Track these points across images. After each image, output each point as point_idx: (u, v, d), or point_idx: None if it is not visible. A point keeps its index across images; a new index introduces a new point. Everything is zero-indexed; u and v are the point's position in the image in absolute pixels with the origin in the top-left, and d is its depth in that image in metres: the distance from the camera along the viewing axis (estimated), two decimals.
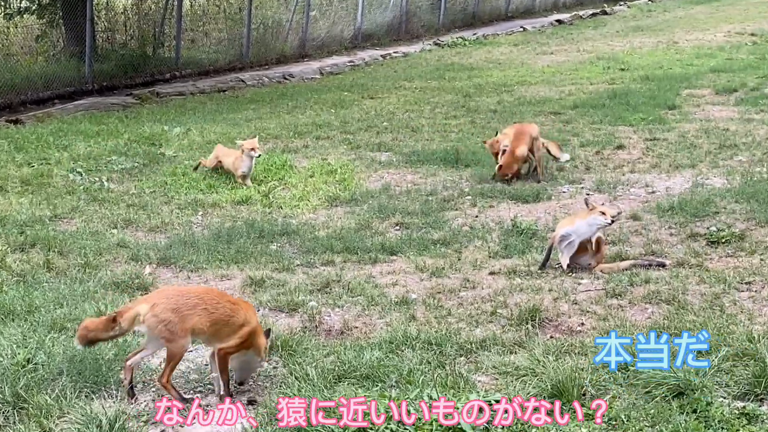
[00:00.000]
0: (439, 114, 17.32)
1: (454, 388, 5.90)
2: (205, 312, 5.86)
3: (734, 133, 14.06)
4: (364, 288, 8.20)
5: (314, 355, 6.64)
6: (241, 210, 11.11)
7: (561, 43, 28.76)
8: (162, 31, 22.50)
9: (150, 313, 5.73)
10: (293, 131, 15.73)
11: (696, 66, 21.82)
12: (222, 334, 5.96)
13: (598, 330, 7.02)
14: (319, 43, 26.46)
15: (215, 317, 5.90)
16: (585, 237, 8.51)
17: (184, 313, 5.77)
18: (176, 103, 19.24)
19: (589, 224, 8.47)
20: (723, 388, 5.86)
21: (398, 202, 11.17)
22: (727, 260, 8.53)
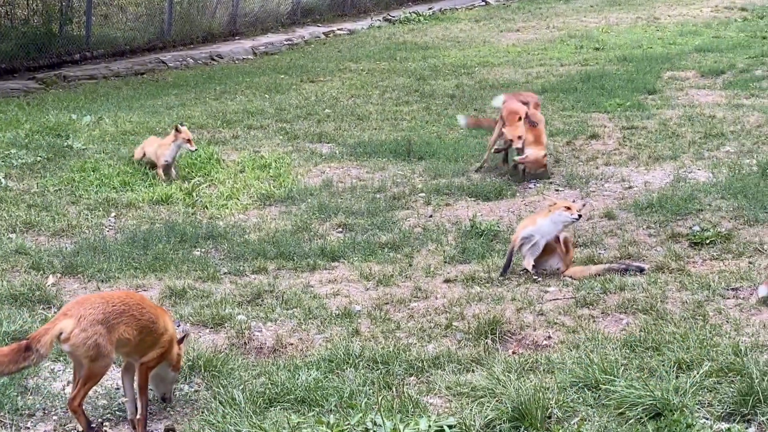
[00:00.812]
0: (389, 100, 17.35)
1: (402, 412, 5.91)
2: (133, 318, 5.84)
3: (721, 121, 14.22)
4: (301, 299, 8.20)
5: (242, 376, 6.63)
6: (161, 210, 11.05)
7: (528, 18, 28.92)
8: (70, 5, 22.28)
9: (77, 329, 5.66)
10: (221, 120, 15.67)
11: (679, 45, 22.03)
12: (146, 344, 5.94)
13: (566, 344, 7.06)
14: (252, 20, 26.36)
15: (142, 324, 5.89)
16: (550, 236, 8.58)
17: (112, 322, 5.74)
18: (86, 88, 19.07)
19: (553, 222, 8.55)
20: (705, 408, 5.91)
21: (341, 200, 11.17)
22: (711, 263, 8.63)
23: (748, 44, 21.15)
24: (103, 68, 20.99)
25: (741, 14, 26.82)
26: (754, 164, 11.46)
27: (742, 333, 7.02)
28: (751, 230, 9.37)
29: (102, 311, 5.76)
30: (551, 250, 8.67)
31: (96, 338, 5.67)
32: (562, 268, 8.65)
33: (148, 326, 5.94)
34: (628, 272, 8.45)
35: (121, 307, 5.85)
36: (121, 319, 5.80)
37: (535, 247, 8.60)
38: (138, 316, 5.90)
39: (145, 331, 5.92)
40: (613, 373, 6.23)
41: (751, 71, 17.88)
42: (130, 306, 5.90)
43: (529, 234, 8.60)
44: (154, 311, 6.06)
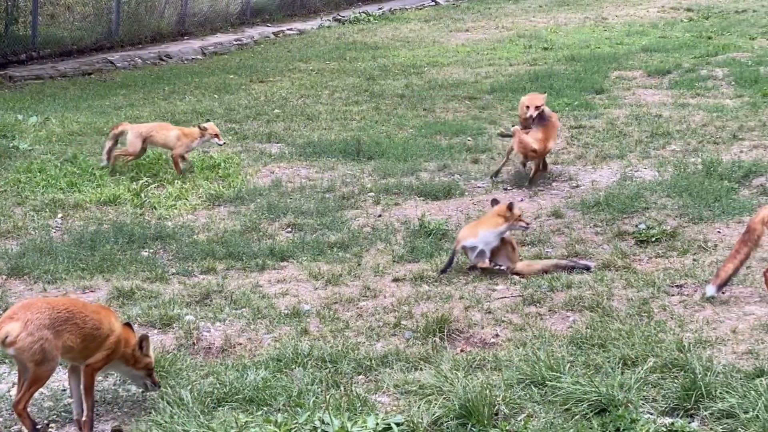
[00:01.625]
0: (339, 100, 17.37)
1: (350, 410, 5.94)
2: (76, 327, 5.82)
3: (667, 120, 14.38)
4: (250, 299, 8.20)
5: (190, 376, 6.63)
6: (108, 211, 10.99)
7: (478, 18, 29.04)
8: (15, 4, 22.07)
9: (24, 333, 5.64)
10: (170, 120, 15.53)
11: (626, 45, 22.24)
12: (89, 349, 5.93)
13: (513, 341, 7.12)
14: (201, 19, 26.26)
15: (85, 332, 5.87)
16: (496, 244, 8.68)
17: (58, 328, 5.72)
18: (32, 89, 18.92)
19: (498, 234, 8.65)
20: (650, 403, 6.00)
21: (290, 200, 11.18)
22: (656, 261, 8.73)
23: (694, 44, 21.40)
24: (49, 68, 20.82)
25: (687, 15, 27.12)
26: (699, 163, 11.59)
27: (686, 329, 7.13)
28: (695, 228, 9.49)
29: (48, 316, 5.75)
30: (497, 249, 8.74)
31: (42, 343, 5.66)
32: (510, 267, 8.72)
33: (92, 333, 5.92)
34: (575, 270, 8.54)
35: (66, 314, 5.83)
36: (66, 326, 5.79)
37: (483, 255, 8.69)
38: (81, 324, 5.88)
39: (88, 338, 5.91)
40: (560, 370, 6.31)
41: (697, 71, 18.09)
42: (74, 314, 5.88)
43: (472, 245, 8.68)
44: (98, 317, 6.03)
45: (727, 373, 6.21)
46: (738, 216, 9.70)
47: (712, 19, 25.92)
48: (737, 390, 5.92)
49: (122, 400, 6.38)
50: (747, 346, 6.74)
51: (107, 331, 6.02)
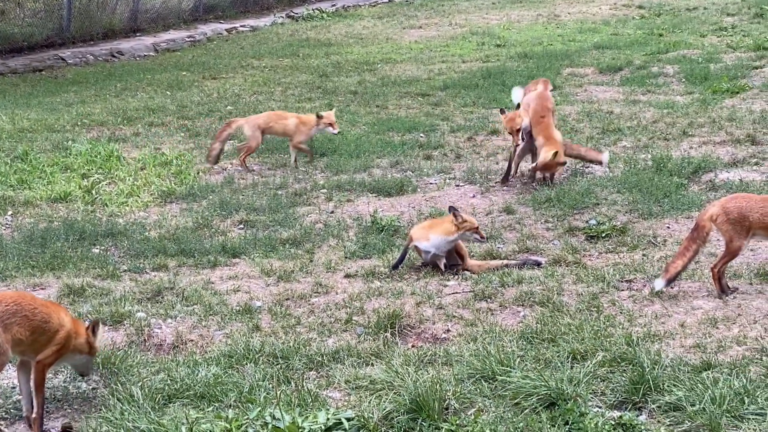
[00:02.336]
0: (292, 96, 17.36)
1: (301, 406, 5.95)
2: (25, 319, 5.79)
3: (618, 116, 14.49)
4: (202, 295, 8.19)
5: (141, 373, 6.61)
6: (59, 208, 10.93)
7: (431, 15, 29.10)
8: None
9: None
10: (122, 117, 15.55)
11: (579, 42, 22.37)
12: (39, 343, 5.90)
13: (465, 336, 7.16)
14: (154, 16, 26.13)
15: (34, 325, 5.84)
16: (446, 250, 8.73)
17: (6, 322, 5.69)
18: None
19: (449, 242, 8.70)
20: (598, 397, 6.06)
21: (243, 197, 11.16)
22: (606, 256, 8.81)
23: (645, 41, 21.55)
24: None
25: (639, 12, 27.31)
26: (649, 159, 11.69)
27: (635, 324, 7.19)
28: (645, 223, 9.59)
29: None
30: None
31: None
32: (464, 265, 8.76)
33: (41, 326, 5.89)
34: (526, 266, 8.59)
35: (14, 307, 5.80)
36: (15, 319, 5.76)
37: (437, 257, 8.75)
38: (30, 316, 5.85)
39: (38, 331, 5.87)
40: (510, 365, 6.35)
41: (648, 68, 18.23)
42: (22, 306, 5.85)
43: (426, 249, 8.72)
44: (47, 310, 6.01)
45: (675, 366, 6.29)
46: (687, 212, 9.80)
47: (664, 16, 26.12)
48: (684, 383, 5.99)
49: (72, 397, 6.35)
50: (694, 340, 6.82)
51: (57, 325, 5.99)
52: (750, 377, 6.08)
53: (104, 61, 22.29)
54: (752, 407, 5.70)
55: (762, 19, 24.08)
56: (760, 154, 11.86)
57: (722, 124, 13.58)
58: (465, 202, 10.72)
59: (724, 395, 5.75)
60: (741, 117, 13.84)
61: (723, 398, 5.73)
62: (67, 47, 22.82)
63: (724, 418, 5.62)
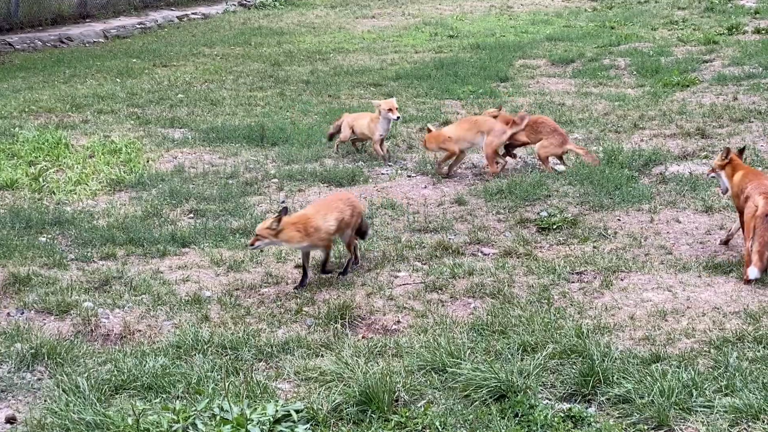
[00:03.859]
0: (243, 85, 17.26)
1: (249, 397, 5.91)
2: None
3: (570, 108, 14.54)
4: (150, 285, 8.11)
5: (87, 363, 6.53)
6: (5, 196, 10.78)
7: (384, 5, 29.10)
8: None
9: None
10: (70, 104, 15.39)
11: (531, 34, 22.46)
12: None
13: (415, 328, 7.14)
14: (104, 2, 25.93)
15: None
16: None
17: None
18: None
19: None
20: (548, 389, 6.07)
21: (193, 186, 11.07)
22: (558, 248, 8.82)
23: (597, 34, 21.69)
24: None
25: (591, 5, 27.51)
26: (600, 151, 11.73)
27: (585, 315, 7.21)
28: (596, 215, 9.61)
29: None
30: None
31: None
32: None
33: None
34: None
35: None
36: None
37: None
38: None
39: None
40: (460, 357, 6.35)
41: (600, 60, 18.34)
42: None
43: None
44: None
45: (625, 358, 6.31)
46: (638, 204, 9.85)
47: (616, 9, 26.31)
48: (634, 375, 6.02)
49: (17, 387, 6.26)
50: (644, 332, 6.85)
51: None
52: (698, 370, 6.12)
53: (53, 47, 22.07)
54: (700, 399, 5.74)
55: (712, 13, 24.32)
56: (709, 147, 11.96)
57: (673, 117, 13.68)
58: (417, 192, 10.71)
59: (673, 388, 5.78)
60: (691, 110, 13.95)
61: (671, 391, 5.76)
62: (15, 32, 22.57)
63: (672, 410, 5.65)
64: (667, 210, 9.56)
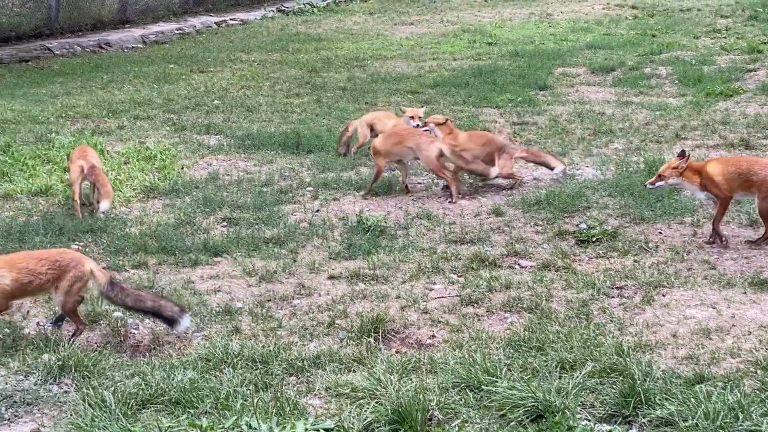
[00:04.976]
0: (280, 91, 17.14)
1: (279, 414, 5.73)
2: None
3: (610, 118, 14.30)
4: (181, 295, 7.98)
5: (114, 376, 6.38)
6: (39, 202, 10.70)
7: (422, 12, 28.91)
8: None
9: None
10: (107, 109, 15.33)
11: (571, 41, 22.20)
12: None
13: (450, 343, 6.95)
14: (143, 7, 25.87)
15: None
16: None
17: None
18: None
19: None
20: (587, 410, 5.86)
21: (227, 193, 10.94)
22: (597, 261, 8.60)
23: (638, 42, 21.39)
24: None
25: (632, 12, 27.17)
26: (641, 162, 11.48)
27: (626, 332, 6.99)
28: (636, 228, 9.37)
29: None
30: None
31: None
32: None
33: None
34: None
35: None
36: None
37: None
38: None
39: None
40: (496, 374, 6.15)
41: (641, 69, 18.06)
42: None
43: None
44: None
45: (667, 378, 6.09)
46: (680, 217, 9.61)
47: (657, 17, 25.97)
48: (677, 397, 5.78)
49: (42, 400, 6.11)
50: (687, 351, 6.62)
51: None
52: (744, 391, 5.87)
53: (92, 52, 22.06)
54: (746, 423, 5.49)
55: (756, 21, 23.93)
56: None
57: (716, 127, 13.40)
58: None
59: (718, 410, 5.54)
60: (735, 121, 13.67)
61: (717, 413, 5.52)
62: (55, 38, 22.55)
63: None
64: (710, 223, 9.28)
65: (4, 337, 7.17)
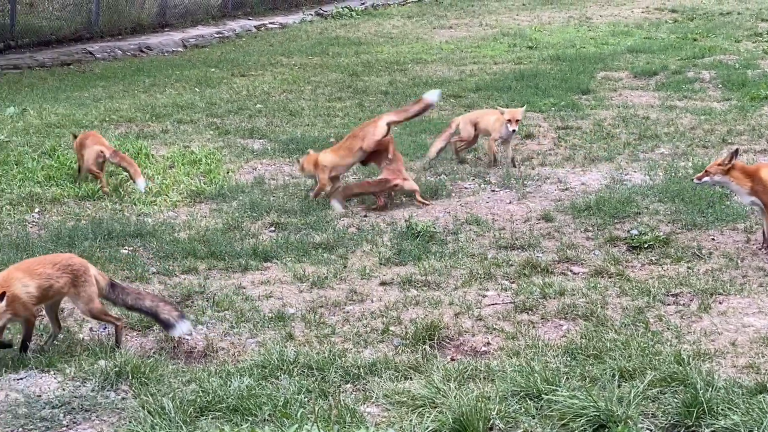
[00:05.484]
0: (322, 95, 17.11)
1: (339, 422, 5.69)
2: None
3: (655, 122, 14.19)
4: (233, 301, 7.96)
5: (171, 383, 6.35)
6: (87, 207, 10.71)
7: (461, 15, 28.84)
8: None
9: None
10: (150, 113, 15.34)
11: (612, 45, 22.08)
12: None
13: (506, 350, 6.88)
14: (182, 11, 25.96)
15: None
16: None
17: None
18: (10, 78, 18.63)
19: None
20: (650, 419, 5.78)
21: (273, 198, 10.92)
22: (650, 268, 8.51)
23: (680, 46, 21.26)
24: (27, 58, 20.52)
25: (671, 16, 27.01)
26: (689, 167, 11.38)
27: (684, 341, 6.90)
28: (689, 234, 9.27)
29: None
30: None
31: None
32: None
33: None
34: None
35: None
36: None
37: None
38: None
39: None
40: (555, 383, 6.08)
41: (684, 73, 17.92)
42: None
43: None
44: None
45: (729, 388, 5.98)
46: (732, 223, 9.51)
47: (697, 20, 25.81)
48: (740, 407, 5.69)
49: (101, 407, 6.10)
50: (747, 360, 6.53)
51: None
52: None
53: (132, 56, 22.13)
54: None
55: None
56: None
57: (762, 132, 13.28)
58: (501, 208, 10.44)
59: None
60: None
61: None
62: (95, 41, 22.66)
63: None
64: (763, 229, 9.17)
65: (59, 343, 7.17)
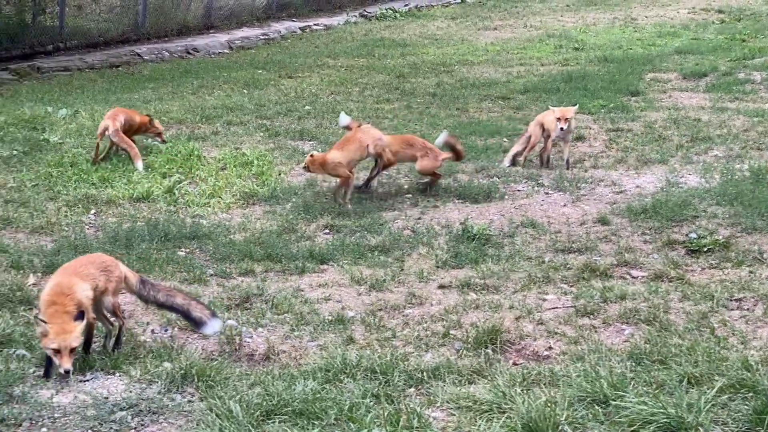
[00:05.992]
0: (370, 97, 17.09)
1: (407, 427, 5.65)
2: None
3: (707, 124, 14.07)
4: (292, 303, 7.95)
5: (236, 386, 6.34)
6: (142, 208, 10.75)
7: (505, 17, 28.72)
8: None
9: None
10: (200, 115, 15.36)
11: (659, 46, 21.92)
12: None
13: (569, 355, 6.83)
14: (227, 13, 26.02)
15: None
16: None
17: None
18: (61, 80, 18.74)
19: None
20: (720, 426, 5.69)
21: (326, 200, 10.92)
22: (711, 272, 8.42)
23: (728, 47, 21.06)
24: (77, 60, 20.62)
25: (718, 16, 26.77)
26: (745, 169, 11.26)
27: (750, 346, 6.81)
28: (749, 238, 9.16)
29: None
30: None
31: None
32: None
33: None
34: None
35: None
36: None
37: None
38: None
39: None
40: (622, 388, 6.01)
41: (734, 74, 17.75)
42: None
43: None
44: None
45: None
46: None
47: (744, 21, 25.56)
48: None
49: (167, 409, 6.08)
50: None
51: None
52: None
53: (179, 57, 22.20)
54: None
55: None
56: None
57: None
58: (556, 210, 10.38)
59: None
60: None
61: None
62: (143, 43, 22.76)
63: None
64: None
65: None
